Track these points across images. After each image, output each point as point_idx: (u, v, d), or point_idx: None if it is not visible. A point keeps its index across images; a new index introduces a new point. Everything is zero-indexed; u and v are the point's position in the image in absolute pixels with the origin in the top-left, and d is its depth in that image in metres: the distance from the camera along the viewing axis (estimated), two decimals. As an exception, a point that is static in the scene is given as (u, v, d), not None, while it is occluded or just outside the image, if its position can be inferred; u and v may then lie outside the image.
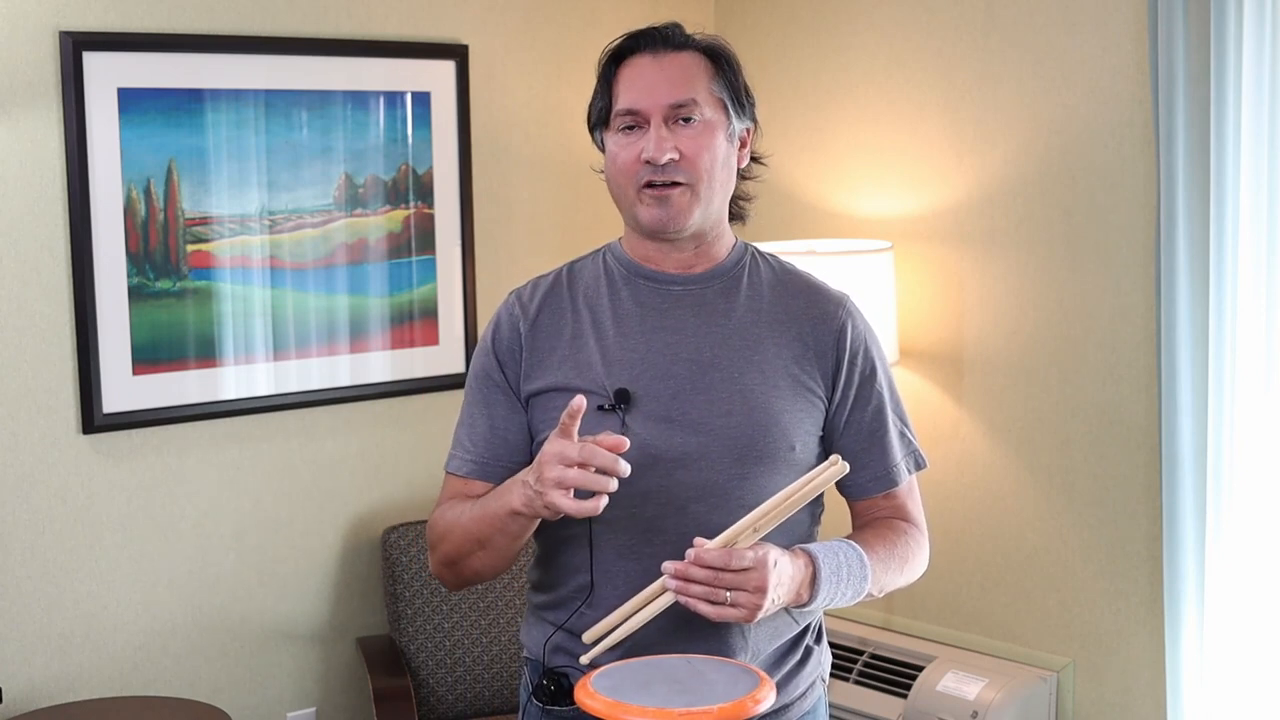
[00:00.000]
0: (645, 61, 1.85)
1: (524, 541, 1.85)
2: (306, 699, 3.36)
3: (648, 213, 1.85)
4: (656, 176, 1.82)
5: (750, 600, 1.70)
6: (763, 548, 1.73)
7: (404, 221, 3.38)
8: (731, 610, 1.70)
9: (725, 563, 1.69)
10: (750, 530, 1.74)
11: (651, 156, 1.81)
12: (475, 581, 1.94)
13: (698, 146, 1.83)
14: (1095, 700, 3.16)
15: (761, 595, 1.70)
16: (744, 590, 1.70)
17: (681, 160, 1.82)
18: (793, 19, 3.66)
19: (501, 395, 1.92)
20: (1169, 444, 2.82)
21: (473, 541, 1.86)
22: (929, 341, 3.40)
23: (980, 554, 3.34)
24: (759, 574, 1.70)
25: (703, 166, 1.84)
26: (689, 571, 1.70)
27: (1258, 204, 2.70)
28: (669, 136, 1.82)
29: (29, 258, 2.91)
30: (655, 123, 1.82)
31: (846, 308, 1.95)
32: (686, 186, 1.83)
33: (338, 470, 3.35)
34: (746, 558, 1.70)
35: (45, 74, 2.89)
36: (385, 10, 3.32)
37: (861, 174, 3.54)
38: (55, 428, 2.96)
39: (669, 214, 1.84)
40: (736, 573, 1.69)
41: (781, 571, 1.73)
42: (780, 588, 1.73)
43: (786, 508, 1.77)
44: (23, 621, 2.95)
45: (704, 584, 1.70)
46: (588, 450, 1.66)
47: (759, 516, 1.75)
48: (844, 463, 1.80)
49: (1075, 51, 3.07)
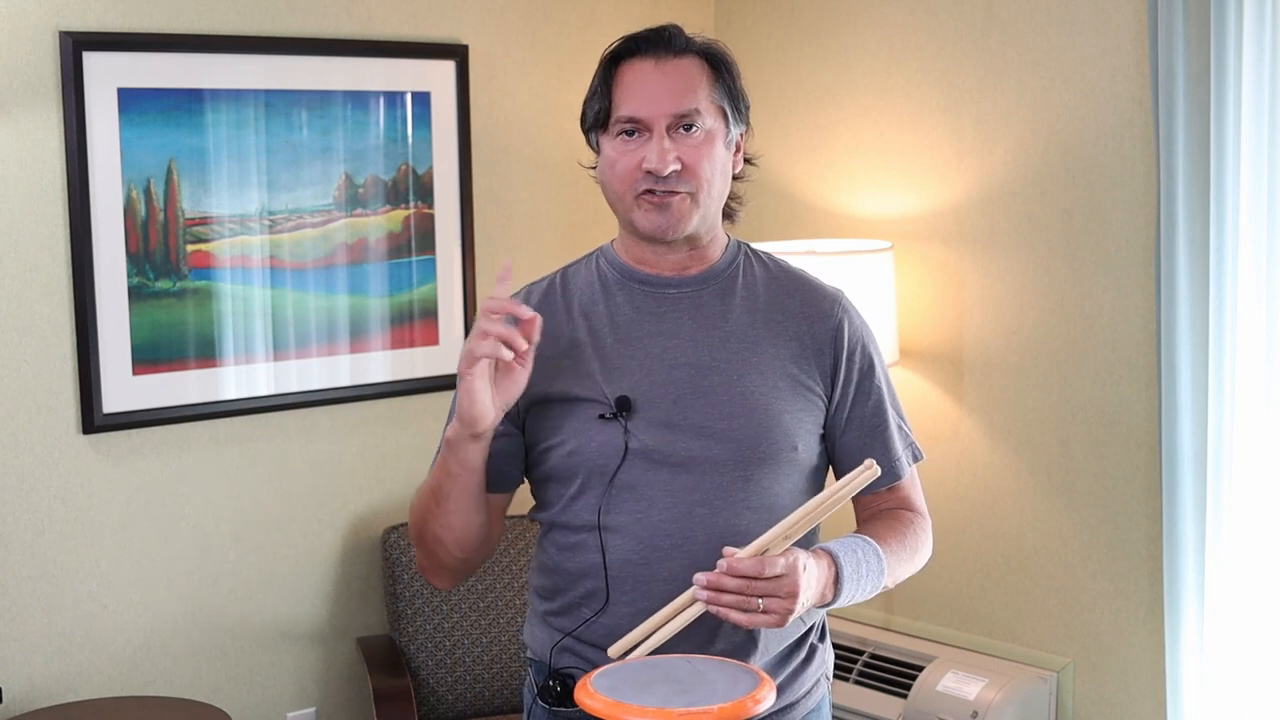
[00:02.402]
0: (647, 67, 1.83)
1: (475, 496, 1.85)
2: (306, 699, 3.36)
3: (646, 219, 1.84)
4: (658, 186, 1.81)
5: (782, 606, 1.69)
6: (793, 553, 1.72)
7: (404, 221, 3.37)
8: (764, 617, 1.69)
9: (758, 571, 1.68)
10: (782, 538, 1.74)
11: (655, 168, 1.80)
12: (447, 562, 1.91)
13: (699, 156, 1.82)
14: (1095, 700, 3.16)
15: (793, 600, 1.69)
16: (777, 596, 1.69)
17: (683, 170, 1.81)
18: (793, 19, 3.66)
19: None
20: (1169, 444, 2.82)
21: (428, 500, 1.88)
22: (929, 341, 3.40)
23: (980, 554, 3.34)
24: (791, 580, 1.69)
25: (704, 176, 1.83)
26: (721, 582, 1.69)
27: (1258, 204, 2.70)
28: (671, 147, 1.80)
29: (29, 258, 2.91)
30: (658, 132, 1.81)
31: (842, 304, 1.95)
32: (687, 194, 1.83)
33: (338, 470, 3.35)
34: (779, 565, 1.69)
35: (45, 74, 2.89)
36: (385, 10, 3.32)
37: (861, 174, 3.54)
38: (55, 428, 2.96)
39: (668, 220, 1.83)
40: (769, 580, 1.69)
41: (810, 575, 1.73)
42: (809, 590, 1.73)
43: (819, 514, 1.77)
44: (23, 621, 2.95)
45: (736, 593, 1.69)
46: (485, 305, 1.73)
47: (792, 524, 1.75)
48: (876, 466, 1.79)
49: (1075, 51, 3.07)
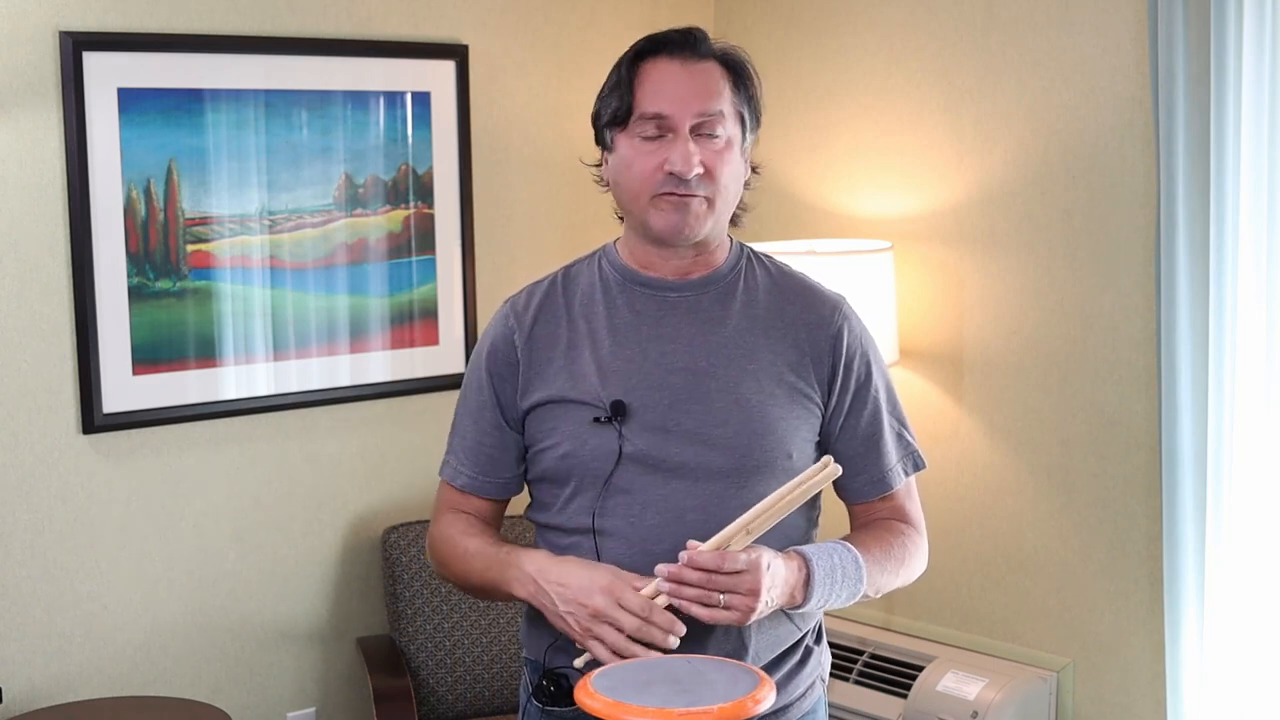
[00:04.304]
0: (674, 67, 1.83)
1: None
2: (306, 699, 3.35)
3: (663, 218, 1.83)
4: (679, 189, 1.81)
5: (744, 603, 1.70)
6: (756, 550, 1.73)
7: (404, 221, 3.37)
8: (725, 613, 1.71)
9: (718, 565, 1.70)
10: (743, 533, 1.75)
11: (680, 170, 1.79)
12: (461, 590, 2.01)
13: (720, 161, 1.82)
14: (1095, 700, 3.16)
15: (755, 598, 1.71)
16: (737, 593, 1.70)
17: (704, 174, 1.81)
18: (793, 19, 3.66)
19: (489, 413, 1.93)
20: (1169, 444, 2.82)
21: (475, 590, 1.94)
22: (929, 341, 3.40)
23: (980, 554, 3.34)
24: (752, 576, 1.70)
25: (723, 182, 1.83)
26: (682, 574, 1.71)
27: (1258, 204, 2.70)
28: (695, 150, 1.80)
29: (29, 258, 2.91)
30: (683, 134, 1.80)
31: (842, 310, 1.94)
32: (705, 199, 1.82)
33: (338, 470, 3.35)
34: (740, 560, 1.70)
35: (45, 74, 2.89)
36: (385, 10, 3.32)
37: (861, 174, 3.54)
38: (55, 428, 2.96)
39: (685, 221, 1.83)
40: (730, 575, 1.70)
41: (775, 574, 1.74)
42: (774, 590, 1.73)
43: (779, 510, 1.77)
44: (23, 621, 2.95)
45: (697, 586, 1.70)
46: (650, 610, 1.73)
47: (751, 519, 1.76)
48: (835, 465, 1.80)
49: (1075, 51, 3.07)
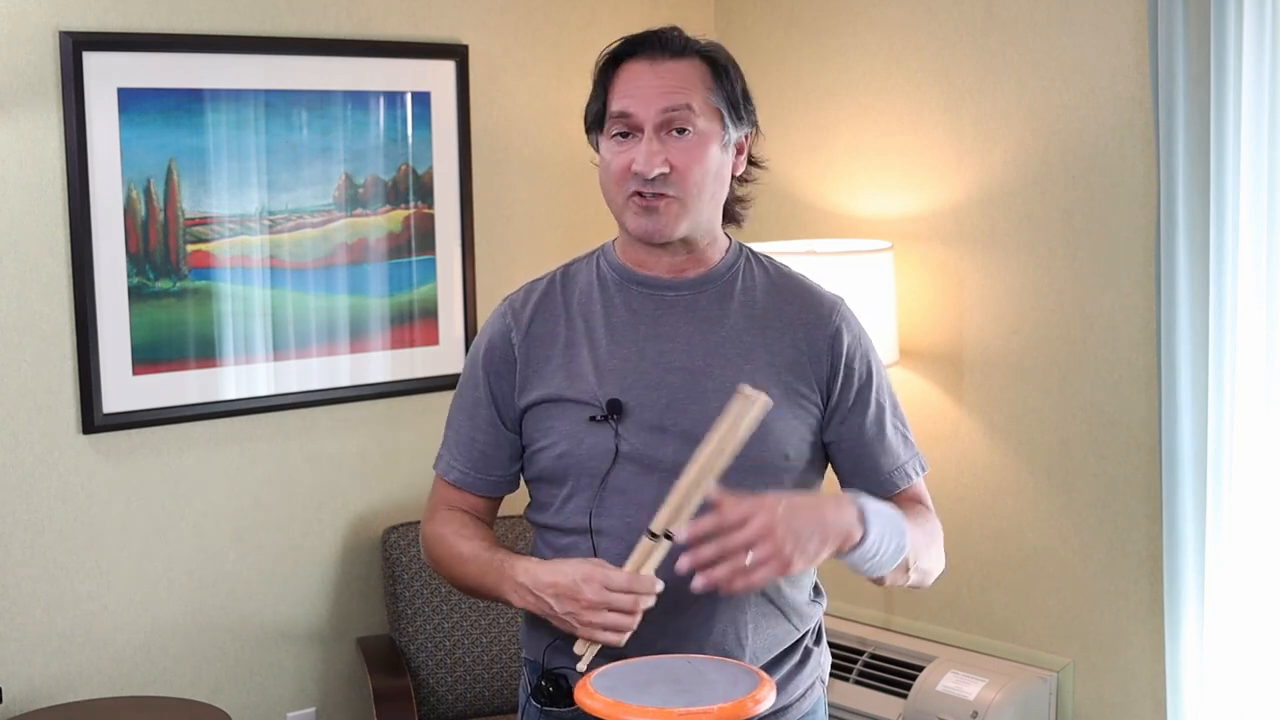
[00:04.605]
0: (642, 68, 1.83)
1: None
2: (306, 699, 3.35)
3: (635, 221, 1.83)
4: (645, 188, 1.80)
5: (771, 549, 1.61)
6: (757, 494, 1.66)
7: (404, 221, 3.37)
8: (763, 570, 1.61)
9: (717, 525, 1.63)
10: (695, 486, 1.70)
11: (641, 169, 1.79)
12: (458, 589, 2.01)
13: (689, 160, 1.80)
14: (1095, 700, 3.16)
15: (779, 540, 1.61)
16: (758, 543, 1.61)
17: (672, 173, 1.80)
18: (793, 19, 3.66)
19: (485, 410, 1.93)
20: (1169, 444, 2.82)
21: (469, 591, 1.94)
22: (929, 341, 3.40)
23: (980, 554, 3.34)
24: (764, 520, 1.62)
25: (693, 180, 1.81)
26: (701, 554, 1.63)
27: (1258, 204, 2.70)
28: (660, 150, 1.79)
29: (29, 258, 2.91)
30: (647, 133, 1.79)
31: (840, 312, 1.93)
32: (675, 199, 1.81)
33: (338, 470, 3.35)
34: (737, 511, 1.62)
35: (45, 74, 2.89)
36: (385, 10, 3.32)
37: (861, 174, 3.54)
38: (55, 428, 2.96)
39: (655, 224, 1.82)
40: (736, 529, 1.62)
41: (795, 507, 1.65)
42: (801, 523, 1.64)
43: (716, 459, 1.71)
44: (23, 621, 2.95)
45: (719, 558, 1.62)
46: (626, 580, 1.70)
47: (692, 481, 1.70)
48: (760, 395, 1.72)
49: (1075, 51, 3.07)
